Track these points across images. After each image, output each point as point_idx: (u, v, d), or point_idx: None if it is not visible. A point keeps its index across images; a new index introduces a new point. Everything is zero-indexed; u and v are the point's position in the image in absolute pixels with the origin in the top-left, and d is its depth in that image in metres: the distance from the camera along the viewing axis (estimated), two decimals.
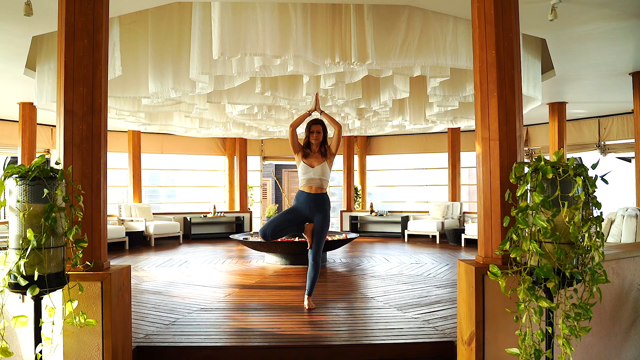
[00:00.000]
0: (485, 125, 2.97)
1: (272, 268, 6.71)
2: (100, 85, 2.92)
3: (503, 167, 2.90)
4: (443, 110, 6.90)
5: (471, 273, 2.87)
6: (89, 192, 2.85)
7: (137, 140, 10.72)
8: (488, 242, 2.94)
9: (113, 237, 8.79)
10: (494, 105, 2.93)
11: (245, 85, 5.98)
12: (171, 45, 5.01)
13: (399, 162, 12.81)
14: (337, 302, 4.74)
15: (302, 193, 4.40)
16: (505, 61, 2.95)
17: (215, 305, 4.58)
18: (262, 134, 9.78)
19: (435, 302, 4.64)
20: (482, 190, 2.97)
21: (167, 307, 4.48)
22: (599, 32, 4.89)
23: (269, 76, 4.96)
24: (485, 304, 2.82)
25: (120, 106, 6.58)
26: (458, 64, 4.69)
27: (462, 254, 8.19)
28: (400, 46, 4.49)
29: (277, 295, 5.04)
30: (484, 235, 2.97)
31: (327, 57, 4.33)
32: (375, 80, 6.18)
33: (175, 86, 5.16)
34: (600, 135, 9.96)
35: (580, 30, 4.87)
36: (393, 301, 4.66)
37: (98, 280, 2.77)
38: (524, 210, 2.46)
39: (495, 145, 2.92)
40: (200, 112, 7.34)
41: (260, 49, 4.13)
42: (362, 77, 5.09)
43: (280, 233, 4.32)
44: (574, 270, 2.37)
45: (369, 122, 8.33)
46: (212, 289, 5.36)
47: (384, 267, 6.77)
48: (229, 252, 8.50)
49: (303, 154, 4.45)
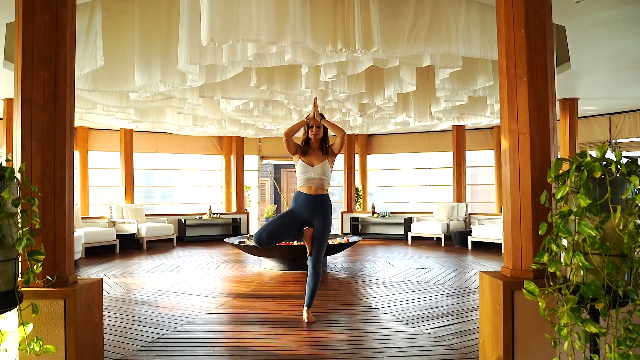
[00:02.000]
0: (513, 116, 2.56)
1: (269, 274, 6.30)
2: (65, 69, 2.51)
3: (535, 164, 2.49)
4: (450, 105, 6.50)
5: (498, 288, 2.46)
6: (51, 195, 2.43)
7: (130, 139, 10.30)
8: (517, 252, 2.53)
9: (102, 241, 8.37)
10: (524, 92, 2.52)
11: (239, 78, 5.56)
12: (159, 34, 4.62)
13: (401, 162, 12.38)
14: (339, 314, 4.33)
15: (300, 194, 3.98)
16: (536, 41, 2.54)
17: (205, 317, 4.16)
18: (259, 132, 9.35)
19: (447, 314, 4.23)
20: (509, 192, 2.56)
21: (152, 320, 4.07)
22: (623, 18, 4.48)
23: (265, 66, 4.55)
24: (515, 324, 2.41)
25: (107, 102, 6.17)
26: (471, 53, 4.28)
27: (469, 257, 7.78)
28: (409, 32, 4.08)
29: (273, 306, 4.62)
30: (511, 244, 2.56)
31: (329, 44, 3.91)
32: (379, 73, 5.77)
33: (163, 79, 4.77)
34: (612, 133, 9.56)
35: (603, 16, 4.46)
36: (401, 313, 4.25)
37: (60, 297, 2.36)
38: (566, 215, 2.05)
39: (526, 140, 2.51)
40: (193, 108, 6.92)
41: (254, 34, 3.70)
42: (366, 67, 4.67)
43: (277, 238, 3.89)
44: (628, 288, 1.97)
45: (372, 119, 7.91)
46: (203, 298, 4.95)
47: (388, 273, 6.36)
48: (225, 256, 8.08)
49: (302, 152, 4.04)
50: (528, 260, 2.48)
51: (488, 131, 10.87)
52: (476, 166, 11.80)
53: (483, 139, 10.97)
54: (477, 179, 12.33)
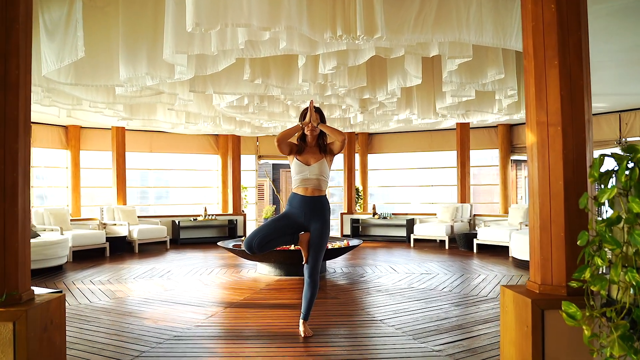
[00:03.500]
0: (541, 105, 2.19)
1: (264, 279, 5.94)
2: (18, 52, 2.14)
3: (567, 161, 2.13)
4: (457, 101, 6.13)
5: (525, 307, 2.09)
6: (0, 198, 2.07)
7: (122, 138, 9.93)
8: (546, 265, 2.17)
9: (92, 244, 8.01)
10: (555, 78, 2.16)
11: (232, 72, 5.19)
12: (145, 23, 4.28)
13: (403, 161, 12.00)
14: (338, 327, 3.96)
15: (295, 196, 3.61)
16: (569, 19, 2.17)
17: (193, 330, 3.80)
18: (255, 130, 8.97)
19: (457, 326, 3.86)
20: (537, 194, 2.20)
21: (133, 334, 3.70)
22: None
23: (258, 57, 4.18)
24: (546, 350, 2.05)
25: (92, 97, 5.80)
26: (482, 41, 3.91)
27: (474, 261, 7.42)
28: (415, 18, 3.71)
29: (267, 317, 4.26)
30: (540, 255, 2.20)
31: (327, 30, 3.54)
32: (381, 66, 5.40)
33: (150, 71, 4.42)
34: (622, 131, 9.20)
35: (624, 2, 4.11)
36: (406, 326, 3.88)
37: (8, 320, 2.00)
38: (614, 223, 1.69)
39: (557, 133, 2.15)
40: (184, 105, 6.55)
41: (244, 18, 3.34)
42: (368, 58, 4.31)
43: (269, 245, 3.52)
44: None
45: (373, 116, 7.53)
46: (192, 307, 4.58)
47: (390, 279, 5.99)
48: (219, 260, 7.71)
49: (297, 150, 3.67)
50: (560, 274, 2.12)
51: (492, 130, 10.50)
52: (479, 166, 11.43)
53: (486, 137, 10.60)
54: (479, 179, 11.96)
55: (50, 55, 4.30)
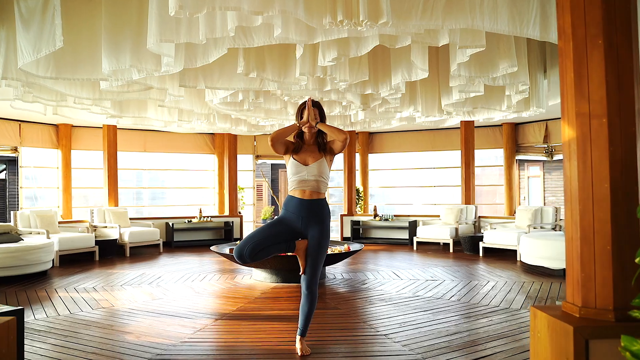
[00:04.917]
0: (582, 93, 1.84)
1: (260, 287, 5.58)
2: None
3: (615, 160, 1.78)
4: (464, 97, 5.77)
5: (565, 336, 1.74)
6: None
7: (113, 137, 9.57)
8: (589, 284, 1.81)
9: (80, 247, 7.64)
10: (599, 60, 1.81)
11: (225, 65, 4.85)
12: (129, 12, 3.96)
13: (405, 161, 11.64)
14: (339, 344, 3.60)
15: (292, 199, 3.25)
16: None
17: (179, 348, 3.44)
18: (252, 128, 8.61)
19: (469, 342, 3.51)
20: (577, 199, 1.85)
21: (110, 353, 3.34)
22: None
23: (251, 46, 3.81)
24: None
25: (76, 92, 5.44)
26: (497, 28, 3.56)
27: (481, 266, 7.07)
28: (424, 2, 3.35)
29: (261, 331, 3.90)
30: (580, 271, 1.84)
31: (326, 15, 3.19)
32: (384, 58, 5.05)
33: (134, 63, 4.08)
34: None
35: None
36: (414, 341, 3.52)
37: None
38: None
39: (602, 125, 1.79)
40: (176, 101, 6.20)
41: (233, 1, 2.99)
42: (371, 47, 3.96)
43: (262, 253, 3.15)
44: None
45: (375, 113, 7.18)
46: (180, 320, 4.22)
47: (394, 286, 5.64)
48: (214, 265, 7.35)
49: (293, 148, 3.31)
50: (605, 296, 1.77)
51: (497, 129, 10.13)
52: (482, 166, 11.08)
53: (491, 137, 10.24)
54: (482, 179, 11.61)
55: (27, 45, 3.95)
